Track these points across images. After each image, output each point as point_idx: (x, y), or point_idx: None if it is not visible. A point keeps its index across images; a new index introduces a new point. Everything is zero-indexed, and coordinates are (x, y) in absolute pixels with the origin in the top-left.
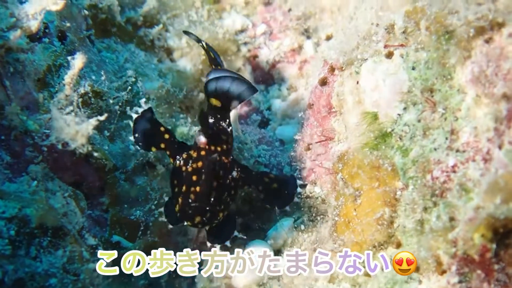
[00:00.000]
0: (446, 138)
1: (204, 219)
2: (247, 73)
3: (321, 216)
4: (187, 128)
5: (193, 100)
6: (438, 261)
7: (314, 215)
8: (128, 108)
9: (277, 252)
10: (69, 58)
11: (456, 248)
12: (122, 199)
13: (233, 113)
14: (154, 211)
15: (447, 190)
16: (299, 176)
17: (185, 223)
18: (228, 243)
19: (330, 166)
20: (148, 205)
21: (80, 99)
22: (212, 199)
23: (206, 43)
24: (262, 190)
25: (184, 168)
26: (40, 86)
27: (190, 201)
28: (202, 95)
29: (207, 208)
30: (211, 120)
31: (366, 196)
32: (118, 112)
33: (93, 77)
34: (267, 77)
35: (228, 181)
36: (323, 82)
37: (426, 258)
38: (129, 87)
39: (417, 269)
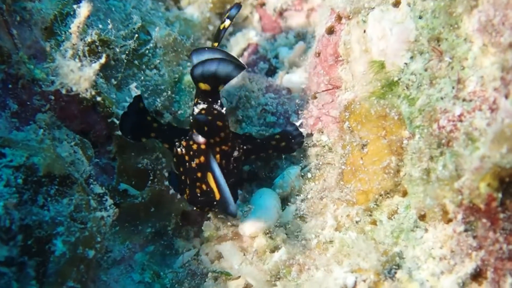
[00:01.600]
0: (453, 88)
1: (212, 208)
2: (254, 21)
3: (328, 165)
4: None
5: None
6: (444, 210)
7: (321, 163)
8: (135, 60)
9: (284, 200)
10: (75, 6)
11: (462, 197)
12: (129, 147)
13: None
14: (161, 159)
15: (453, 139)
16: (302, 125)
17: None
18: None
19: (337, 114)
20: (155, 153)
21: (87, 48)
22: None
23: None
24: (273, 152)
25: (187, 158)
26: (47, 35)
27: (197, 194)
28: (209, 44)
29: (214, 202)
30: (204, 106)
31: (372, 145)
32: (125, 61)
33: (100, 25)
34: (274, 25)
35: (231, 165)
36: (330, 31)
37: (432, 207)
38: (136, 36)
39: (423, 218)
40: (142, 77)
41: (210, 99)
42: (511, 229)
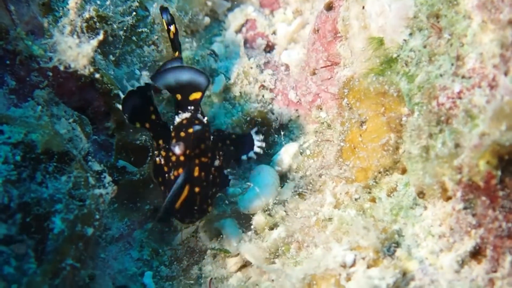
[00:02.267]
0: (452, 65)
1: (193, 219)
2: None
3: (327, 141)
4: (192, 53)
5: (198, 24)
6: (443, 187)
7: (319, 140)
8: (133, 36)
9: (283, 177)
10: None
11: (461, 175)
12: (127, 124)
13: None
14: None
15: (452, 116)
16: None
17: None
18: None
19: (336, 91)
20: None
21: (85, 24)
22: (196, 205)
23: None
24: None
25: (166, 169)
26: (45, 11)
27: (176, 207)
28: (207, 19)
29: (195, 212)
30: (186, 115)
31: (371, 122)
32: (123, 37)
33: (98, 1)
34: (273, 1)
35: (211, 176)
36: (329, 7)
37: (432, 185)
38: (134, 12)
39: (422, 195)
40: (140, 53)
41: (191, 109)
42: (510, 207)
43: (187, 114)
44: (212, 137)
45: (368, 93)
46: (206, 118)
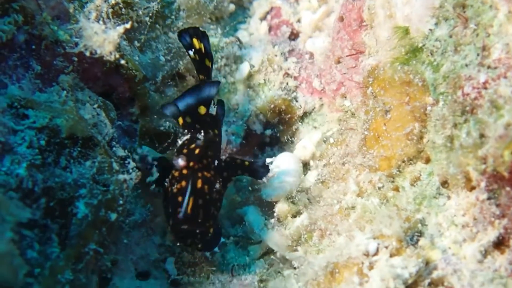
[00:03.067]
0: (478, 55)
1: (195, 240)
2: None
3: (351, 130)
4: (217, 39)
5: (223, 11)
6: (467, 177)
7: (343, 128)
8: (158, 22)
9: (306, 165)
10: None
11: (486, 165)
12: (151, 110)
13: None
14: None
15: (477, 106)
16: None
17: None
18: (217, 249)
19: (360, 79)
20: None
21: (111, 10)
22: (200, 218)
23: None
24: (242, 173)
25: (169, 189)
26: None
27: (179, 222)
28: (232, 6)
29: (197, 230)
30: (186, 137)
31: (396, 111)
32: (148, 23)
33: None
34: None
35: (214, 194)
36: None
37: (455, 174)
38: None
39: (446, 185)
40: (165, 40)
41: (192, 131)
42: None
43: (187, 136)
44: (220, 161)
45: (392, 82)
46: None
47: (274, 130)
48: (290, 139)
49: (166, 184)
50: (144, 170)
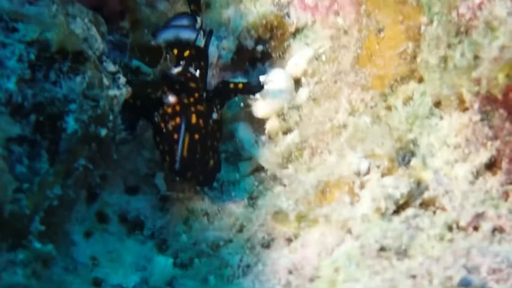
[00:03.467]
0: None
1: (195, 172)
2: None
3: (343, 48)
4: None
5: None
6: (460, 98)
7: (336, 46)
8: None
9: (297, 81)
10: None
11: (480, 87)
12: (142, 24)
13: None
14: None
15: (472, 27)
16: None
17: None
18: (215, 184)
19: None
20: None
21: None
22: (197, 154)
23: None
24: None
25: (163, 125)
26: None
27: (184, 155)
28: None
29: (196, 163)
30: (178, 69)
31: (389, 30)
32: None
33: None
34: None
35: (210, 127)
36: None
37: (449, 95)
38: None
39: (438, 105)
40: None
41: (183, 63)
42: None
43: (178, 69)
44: (212, 90)
45: (387, 0)
46: (199, 71)
47: (265, 46)
48: (281, 55)
49: (156, 119)
50: None
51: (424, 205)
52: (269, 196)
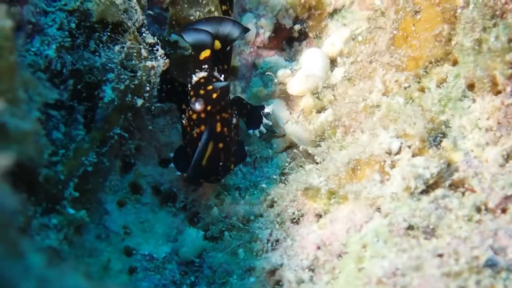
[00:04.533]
0: None
1: (218, 176)
2: None
3: (379, 29)
4: None
5: None
6: (493, 81)
7: (372, 27)
8: None
9: (333, 61)
10: None
11: None
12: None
13: None
14: (213, 12)
15: (507, 11)
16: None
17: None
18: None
19: None
20: (208, 7)
21: None
22: (222, 159)
23: None
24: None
25: (189, 129)
26: None
27: (203, 164)
28: None
29: (219, 168)
30: (203, 74)
31: (426, 12)
32: None
33: None
34: None
35: (233, 133)
36: None
37: (482, 78)
38: None
39: (472, 88)
40: None
41: (208, 67)
42: None
43: (203, 73)
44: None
45: None
46: (223, 76)
47: (303, 25)
48: (318, 35)
49: (183, 121)
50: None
51: (454, 185)
52: (300, 172)
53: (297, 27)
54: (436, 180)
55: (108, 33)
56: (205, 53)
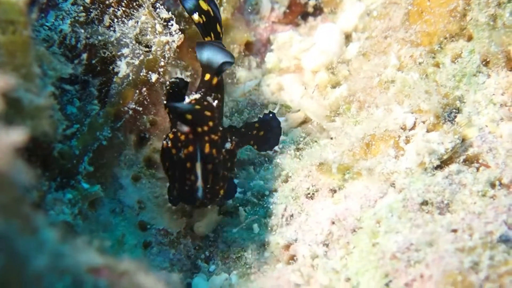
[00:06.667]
0: None
1: (205, 201)
2: None
3: (394, 4)
4: None
5: None
6: (508, 56)
7: (387, 2)
8: None
9: (348, 36)
10: None
11: None
12: None
13: None
14: None
15: None
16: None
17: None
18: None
19: None
20: None
21: None
22: (210, 182)
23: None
24: (254, 144)
25: (174, 152)
26: None
27: (187, 188)
28: None
29: (207, 192)
30: (196, 96)
31: None
32: None
33: None
34: None
35: (222, 156)
36: None
37: (497, 53)
38: None
39: (486, 63)
40: None
41: (204, 91)
42: None
43: (197, 96)
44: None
45: None
46: (216, 102)
47: (318, 0)
48: (333, 10)
49: (167, 143)
50: None
51: (468, 161)
52: (315, 147)
53: (312, 2)
54: (451, 155)
55: (123, 8)
56: (207, 76)
